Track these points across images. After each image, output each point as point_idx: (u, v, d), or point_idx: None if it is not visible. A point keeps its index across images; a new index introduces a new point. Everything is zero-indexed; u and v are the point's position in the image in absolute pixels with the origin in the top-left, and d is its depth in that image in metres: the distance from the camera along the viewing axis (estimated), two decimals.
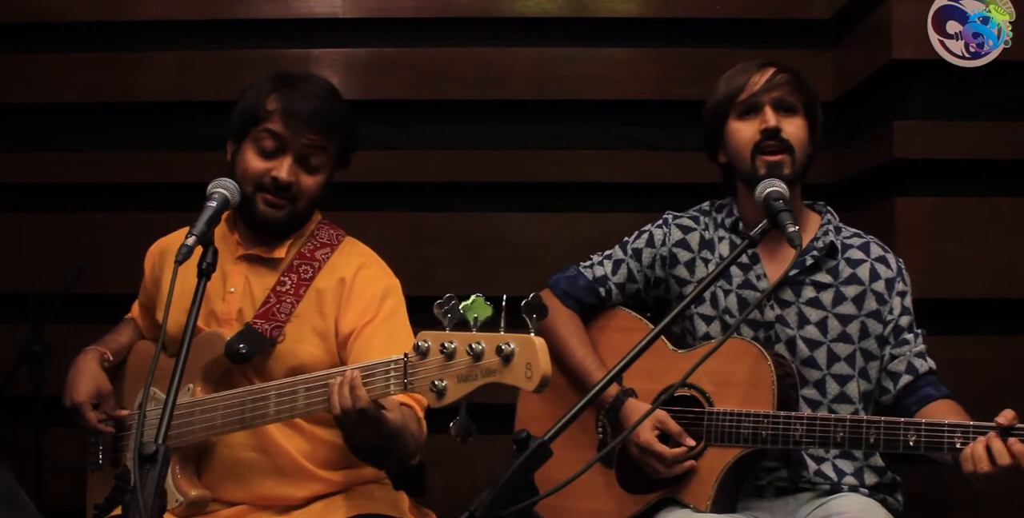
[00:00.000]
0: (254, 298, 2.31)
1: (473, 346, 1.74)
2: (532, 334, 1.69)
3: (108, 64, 3.40)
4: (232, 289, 2.32)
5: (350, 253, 2.39)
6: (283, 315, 2.27)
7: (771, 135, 2.33)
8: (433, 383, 1.80)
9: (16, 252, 3.37)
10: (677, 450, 2.27)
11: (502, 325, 1.72)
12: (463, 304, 1.72)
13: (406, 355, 1.87)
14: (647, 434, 2.28)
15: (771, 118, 2.34)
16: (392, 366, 1.90)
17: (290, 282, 2.31)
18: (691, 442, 2.27)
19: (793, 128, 2.36)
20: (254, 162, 2.27)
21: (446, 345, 1.78)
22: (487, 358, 1.73)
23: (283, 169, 2.26)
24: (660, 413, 2.30)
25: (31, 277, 3.26)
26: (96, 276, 3.06)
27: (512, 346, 1.70)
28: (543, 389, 1.70)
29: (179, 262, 1.92)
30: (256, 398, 2.10)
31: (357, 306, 2.28)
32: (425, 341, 1.82)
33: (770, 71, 2.39)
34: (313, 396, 2.02)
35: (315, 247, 2.36)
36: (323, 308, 2.29)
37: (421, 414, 2.23)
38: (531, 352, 1.69)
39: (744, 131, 2.37)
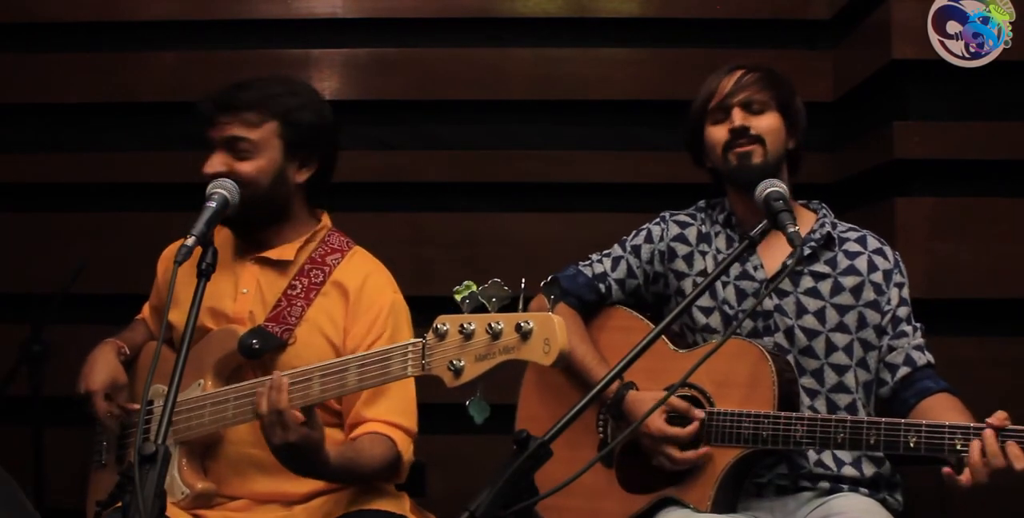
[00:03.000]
0: (265, 301, 2.32)
1: (492, 325, 1.78)
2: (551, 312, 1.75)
3: (108, 64, 3.41)
4: (245, 290, 2.34)
5: (358, 262, 2.40)
6: (293, 318, 2.29)
7: (739, 134, 2.39)
8: (451, 362, 1.83)
9: (16, 252, 3.37)
10: (691, 428, 2.26)
11: (520, 308, 1.78)
12: (481, 287, 1.78)
13: (424, 337, 1.90)
14: (657, 420, 2.28)
15: (737, 118, 2.39)
16: (410, 348, 1.93)
17: (301, 286, 2.32)
18: (700, 414, 2.26)
19: (763, 123, 2.40)
20: (204, 165, 2.29)
21: (465, 326, 1.82)
22: (506, 336, 1.78)
23: (209, 163, 2.26)
24: (662, 396, 2.29)
25: (31, 277, 3.27)
26: (96, 276, 3.05)
27: (531, 324, 1.76)
28: (560, 364, 1.75)
29: (179, 262, 1.93)
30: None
31: (364, 321, 2.30)
32: (444, 324, 1.86)
33: (738, 74, 2.44)
34: (328, 383, 2.03)
35: (326, 252, 2.37)
36: (333, 315, 2.31)
37: (402, 446, 2.25)
38: (549, 328, 1.74)
39: (716, 134, 2.43)
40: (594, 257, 2.57)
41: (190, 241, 1.96)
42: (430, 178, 3.38)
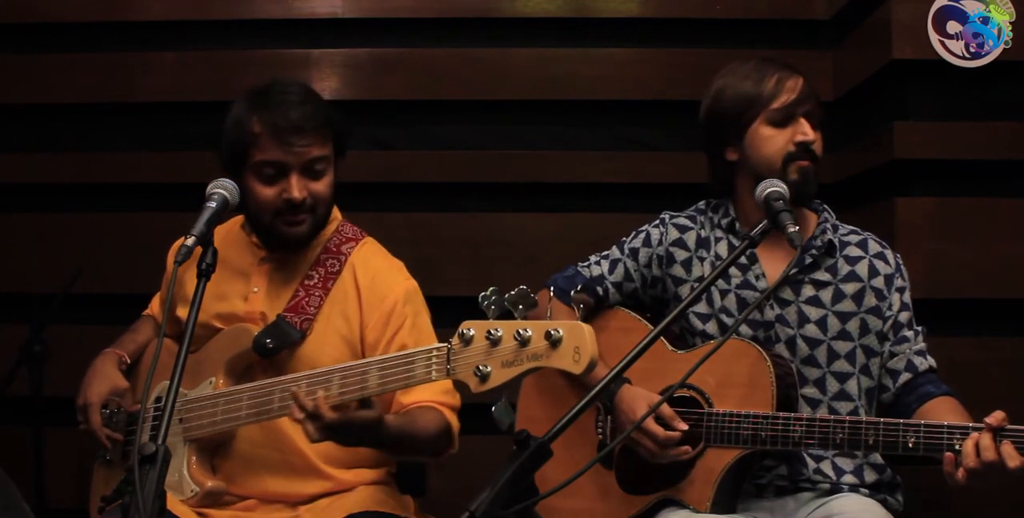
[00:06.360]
0: (280, 296, 2.32)
1: (520, 332, 1.79)
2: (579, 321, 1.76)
3: (108, 64, 3.41)
4: (256, 289, 2.34)
5: (371, 253, 2.41)
6: (312, 308, 2.29)
7: (806, 148, 2.34)
8: (477, 368, 1.84)
9: (16, 252, 3.37)
10: (672, 434, 2.26)
11: (548, 315, 1.79)
12: (508, 295, 1.79)
13: (449, 342, 1.90)
14: (642, 413, 2.27)
15: (810, 132, 2.34)
16: (435, 353, 1.93)
17: (318, 276, 2.33)
18: (683, 426, 2.26)
19: (820, 143, 2.38)
20: (263, 191, 2.25)
21: (492, 332, 1.83)
22: (534, 343, 1.79)
23: (293, 189, 2.23)
24: (655, 398, 2.29)
25: (31, 277, 3.27)
26: (96, 276, 3.06)
27: (561, 332, 1.76)
28: (588, 372, 1.76)
29: (179, 263, 1.93)
30: (285, 388, 2.10)
31: (380, 314, 2.30)
32: (469, 329, 1.86)
33: (800, 80, 2.38)
34: (349, 385, 2.03)
35: (340, 241, 2.38)
36: (347, 311, 2.31)
37: (449, 416, 2.28)
38: (580, 336, 1.75)
39: (777, 139, 2.35)
40: (593, 258, 2.57)
41: (190, 241, 1.96)
42: (430, 178, 3.38)
